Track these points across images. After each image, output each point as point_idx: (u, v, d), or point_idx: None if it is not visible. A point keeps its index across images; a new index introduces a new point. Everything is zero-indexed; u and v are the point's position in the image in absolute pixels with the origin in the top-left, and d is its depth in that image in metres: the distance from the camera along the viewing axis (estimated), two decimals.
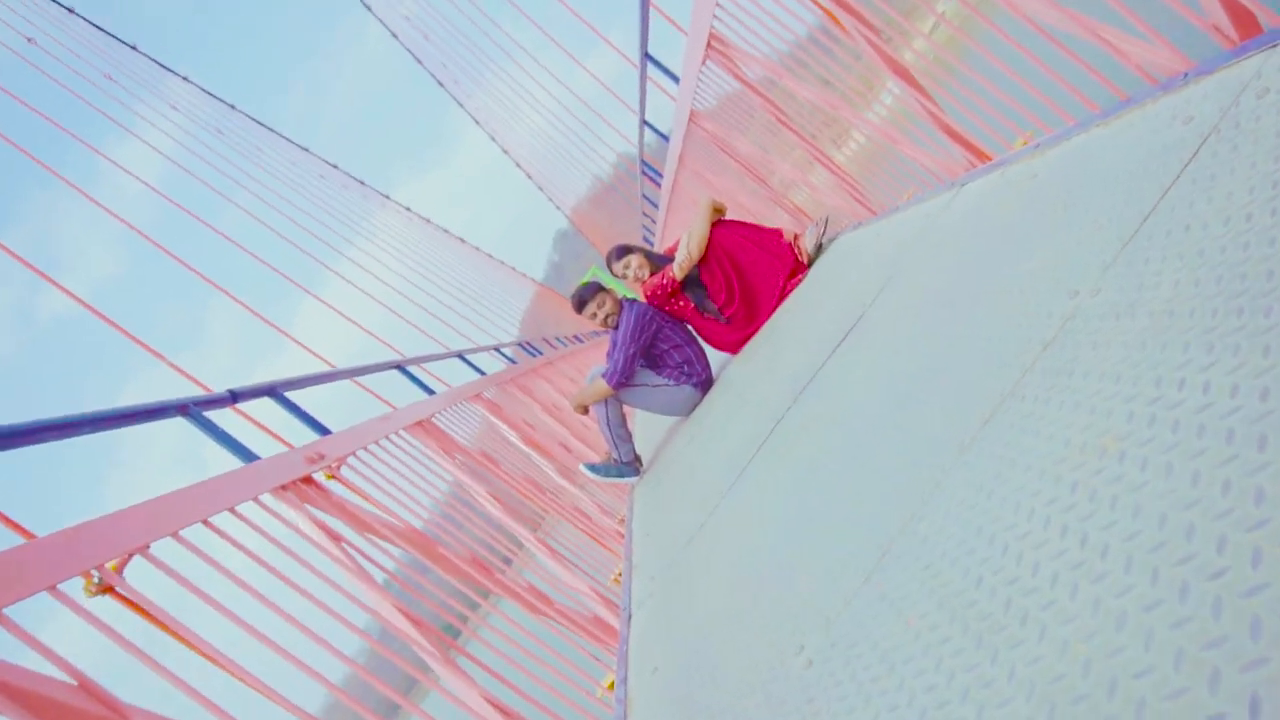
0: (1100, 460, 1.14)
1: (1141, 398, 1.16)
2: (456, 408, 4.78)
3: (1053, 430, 1.33)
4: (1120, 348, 1.31)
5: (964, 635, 1.16)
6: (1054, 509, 1.17)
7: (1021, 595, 1.10)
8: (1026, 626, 1.04)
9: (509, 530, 3.59)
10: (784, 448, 2.81)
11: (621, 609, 3.32)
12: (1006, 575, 1.17)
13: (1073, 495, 1.15)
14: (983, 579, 1.22)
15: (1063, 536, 1.10)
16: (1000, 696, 1.00)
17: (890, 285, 3.02)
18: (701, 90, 4.99)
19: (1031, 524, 1.20)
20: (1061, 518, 1.14)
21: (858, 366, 2.64)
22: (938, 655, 1.18)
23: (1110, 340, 1.36)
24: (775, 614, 1.84)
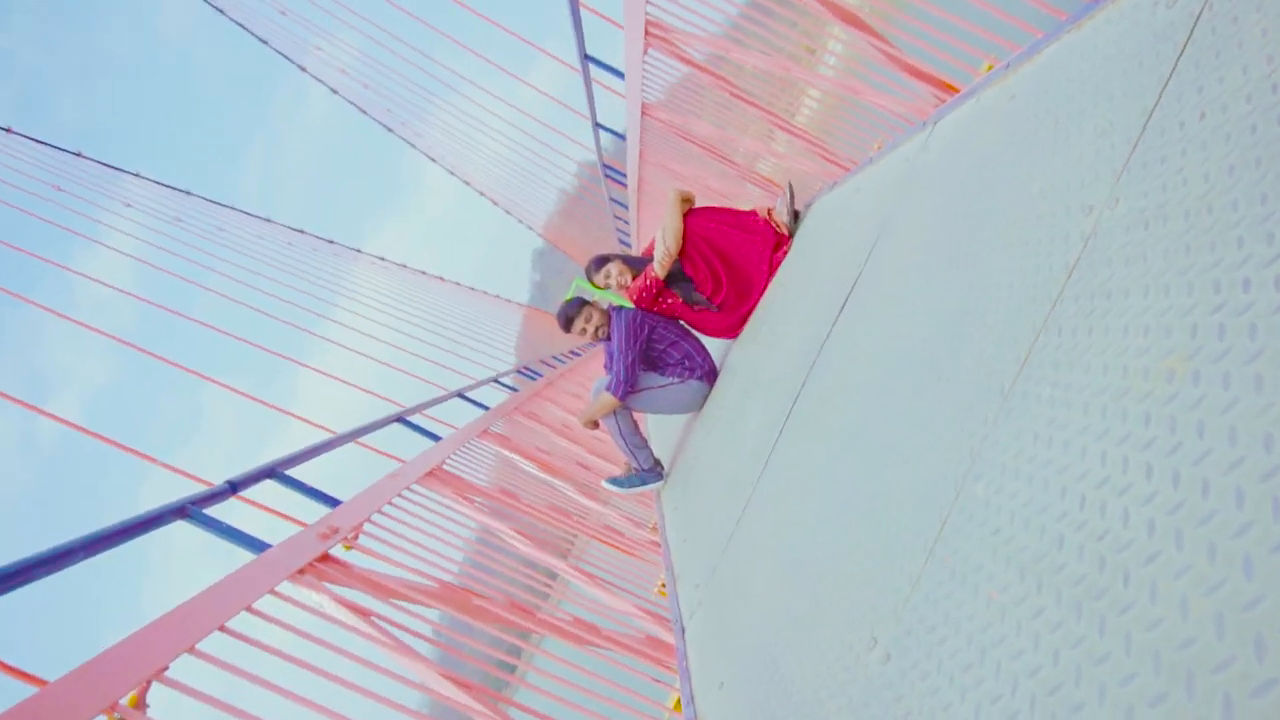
0: (1171, 385, 1.03)
1: (1202, 307, 1.04)
2: (466, 449, 4.66)
3: (1104, 360, 1.21)
4: (1160, 257, 1.19)
5: (1059, 605, 1.04)
6: (1129, 447, 1.05)
7: (1115, 551, 0.98)
8: (1132, 586, 0.92)
9: (541, 564, 3.48)
10: (807, 426, 2.70)
11: (673, 622, 3.21)
12: (1092, 530, 1.05)
13: (1147, 429, 1.04)
14: (1064, 537, 1.10)
15: (1149, 478, 0.98)
16: (1122, 672, 0.87)
17: (882, 239, 2.90)
18: (649, 81, 4.88)
19: (1107, 468, 1.08)
20: (1141, 456, 1.02)
21: (866, 330, 2.52)
22: (1033, 631, 1.06)
23: (1145, 251, 1.24)
24: (838, 607, 1.72)
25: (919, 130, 3.09)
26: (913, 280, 2.27)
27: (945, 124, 2.78)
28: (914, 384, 1.87)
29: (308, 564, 2.34)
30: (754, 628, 2.21)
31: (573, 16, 4.53)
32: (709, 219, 4.57)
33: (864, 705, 1.43)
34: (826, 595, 1.81)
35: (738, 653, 2.25)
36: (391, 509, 3.23)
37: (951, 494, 1.47)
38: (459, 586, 2.88)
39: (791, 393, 3.02)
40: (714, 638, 2.61)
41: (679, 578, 3.54)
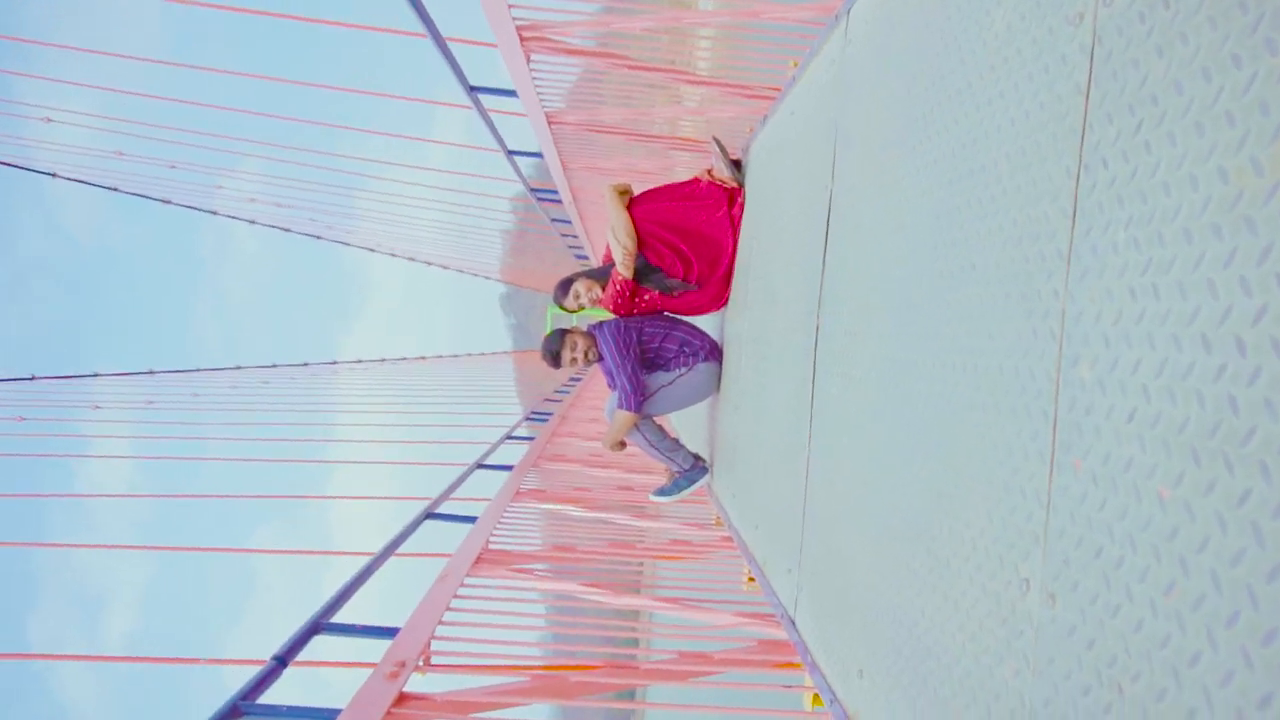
0: (1269, 176, 0.80)
1: (1266, 74, 0.81)
2: (504, 519, 4.43)
3: (1172, 176, 0.98)
4: (1194, 33, 0.96)
5: (1233, 474, 0.82)
6: (1241, 265, 0.83)
7: (1276, 388, 0.76)
8: None
9: (622, 609, 3.25)
10: (838, 368, 2.47)
11: (777, 616, 2.99)
12: (1236, 374, 0.82)
13: (1257, 237, 0.81)
14: (1201, 392, 0.88)
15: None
16: None
17: (840, 151, 2.67)
18: (544, 89, 4.66)
19: (1221, 297, 0.85)
20: (1258, 272, 0.79)
21: (863, 246, 2.30)
22: (1248, 519, 0.83)
23: (1173, 34, 1.01)
24: (964, 556, 1.49)
25: (833, 26, 2.87)
26: (894, 174, 2.05)
27: (860, 7, 2.55)
28: (945, 282, 1.64)
29: (386, 713, 2.11)
30: (873, 602, 1.99)
31: (443, 54, 4.30)
32: (654, 201, 4.34)
33: (1047, 661, 1.20)
34: (944, 545, 1.59)
35: (865, 633, 2.03)
36: (453, 614, 3.00)
37: (1049, 387, 1.24)
38: (551, 669, 2.65)
39: (808, 341, 2.79)
40: (830, 622, 2.39)
41: (766, 567, 3.32)
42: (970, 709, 1.44)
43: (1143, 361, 1.03)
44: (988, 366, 1.44)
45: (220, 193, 17.35)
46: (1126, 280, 1.08)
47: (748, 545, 3.81)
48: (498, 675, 2.59)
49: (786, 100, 3.62)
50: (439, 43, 4.06)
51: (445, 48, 4.21)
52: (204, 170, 14.96)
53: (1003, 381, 1.38)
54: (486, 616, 3.05)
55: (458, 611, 3.07)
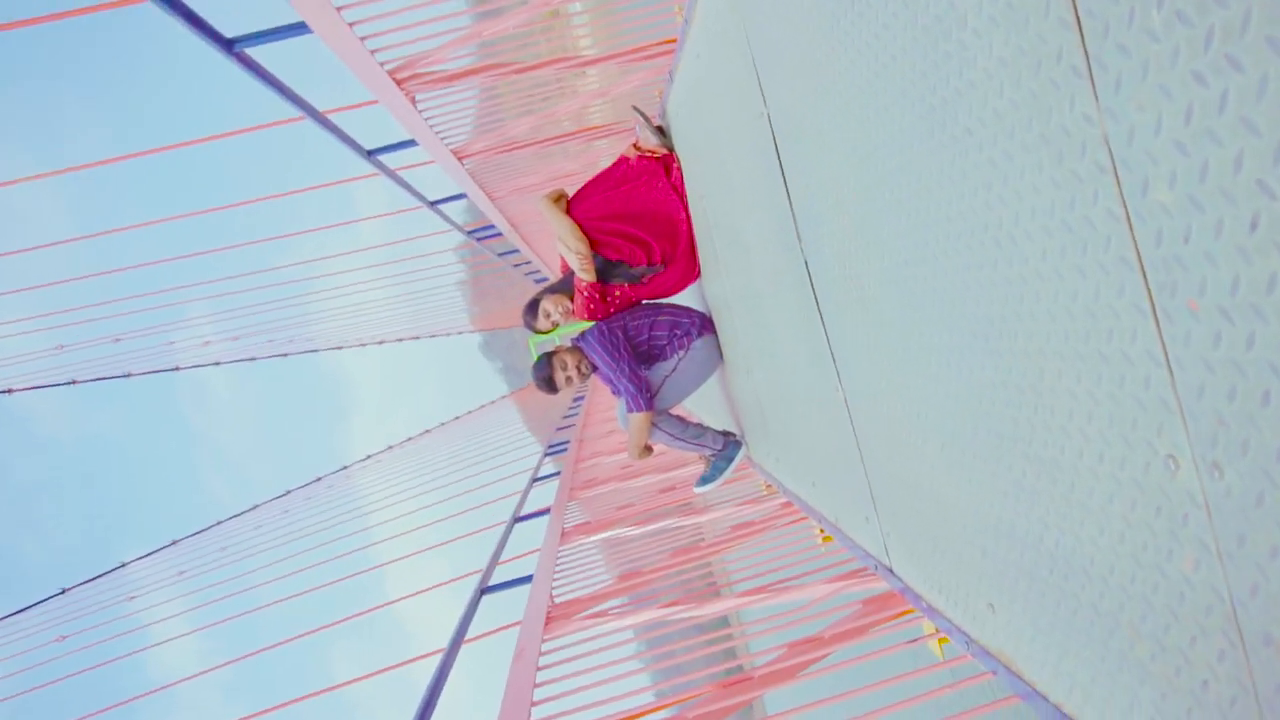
0: None
1: None
2: (559, 567, 4.21)
3: None
4: None
5: None
6: None
7: None
8: None
9: (710, 620, 3.03)
10: (846, 292, 2.25)
11: (871, 569, 2.77)
12: None
13: None
14: None
15: None
16: None
17: (763, 72, 2.45)
18: (440, 127, 4.42)
19: None
20: None
21: (828, 158, 2.07)
22: None
23: None
24: (1079, 450, 1.27)
25: None
26: (834, 66, 1.82)
27: None
28: (941, 157, 1.42)
29: None
30: (978, 528, 1.77)
31: (328, 129, 4.06)
32: (590, 196, 4.12)
33: (1237, 541, 0.98)
34: (1043, 445, 1.37)
35: (984, 563, 1.81)
36: (543, 689, 2.78)
37: (1120, 228, 1.02)
38: (661, 708, 2.43)
39: (799, 277, 2.57)
40: (935, 560, 2.17)
41: (840, 521, 3.10)
42: (1148, 617, 1.22)
43: (1211, 163, 0.80)
44: (1029, 231, 1.21)
45: (174, 348, 17.08)
46: (1180, 68, 0.85)
47: (811, 505, 3.59)
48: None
49: (687, 46, 3.39)
50: (320, 120, 3.83)
51: (327, 122, 3.97)
52: (149, 332, 14.70)
53: (1056, 242, 1.15)
54: (578, 680, 2.82)
55: (548, 684, 2.85)
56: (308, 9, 2.60)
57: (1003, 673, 1.89)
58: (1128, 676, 1.32)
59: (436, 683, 3.12)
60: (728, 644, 2.77)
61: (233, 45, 2.82)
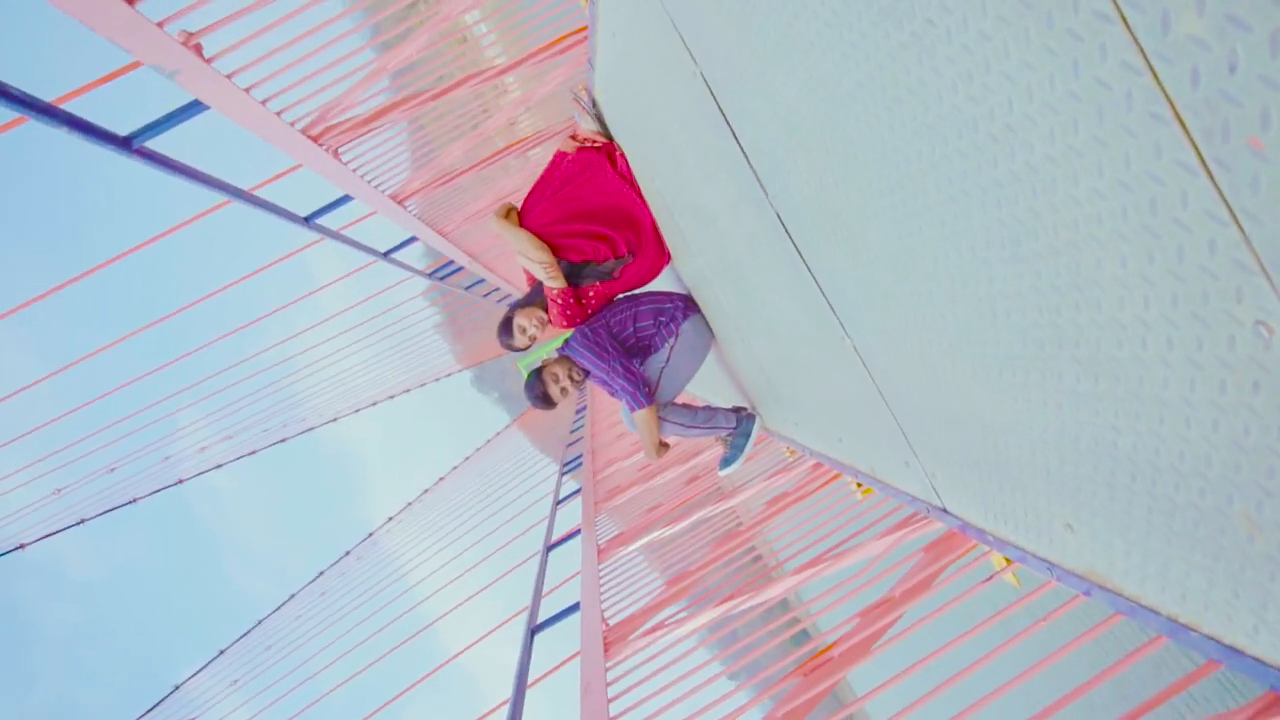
0: None
1: None
2: (605, 586, 4.07)
3: None
4: None
5: None
6: None
7: None
8: None
9: (772, 606, 2.89)
10: (828, 235, 2.10)
11: (923, 513, 2.63)
12: None
13: None
14: None
15: None
16: None
17: (687, 32, 2.30)
18: (371, 175, 4.25)
19: None
20: None
21: (778, 102, 1.92)
22: None
23: None
24: (1141, 339, 1.12)
25: None
26: (764, 8, 1.67)
27: None
28: (905, 61, 1.27)
29: None
30: (1036, 447, 1.63)
31: (257, 205, 3.89)
32: (538, 203, 3.95)
33: None
34: (1094, 344, 1.22)
35: (1050, 484, 1.67)
36: (627, 716, 2.64)
37: (1142, 78, 0.87)
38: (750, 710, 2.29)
39: (775, 231, 2.42)
40: (989, 490, 2.03)
41: (878, 472, 2.96)
42: (1264, 505, 1.07)
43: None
44: (1029, 115, 1.06)
45: (172, 462, 16.86)
46: None
47: (843, 461, 3.44)
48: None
49: (599, 27, 3.23)
50: (245, 198, 3.67)
51: (254, 199, 3.80)
52: (142, 453, 14.47)
53: (1064, 117, 1.00)
54: (656, 700, 2.68)
55: (626, 714, 2.70)
56: (198, 85, 2.44)
57: (1097, 592, 1.75)
58: (1254, 573, 1.18)
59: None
60: (796, 627, 2.62)
61: (130, 142, 2.65)
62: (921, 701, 1.91)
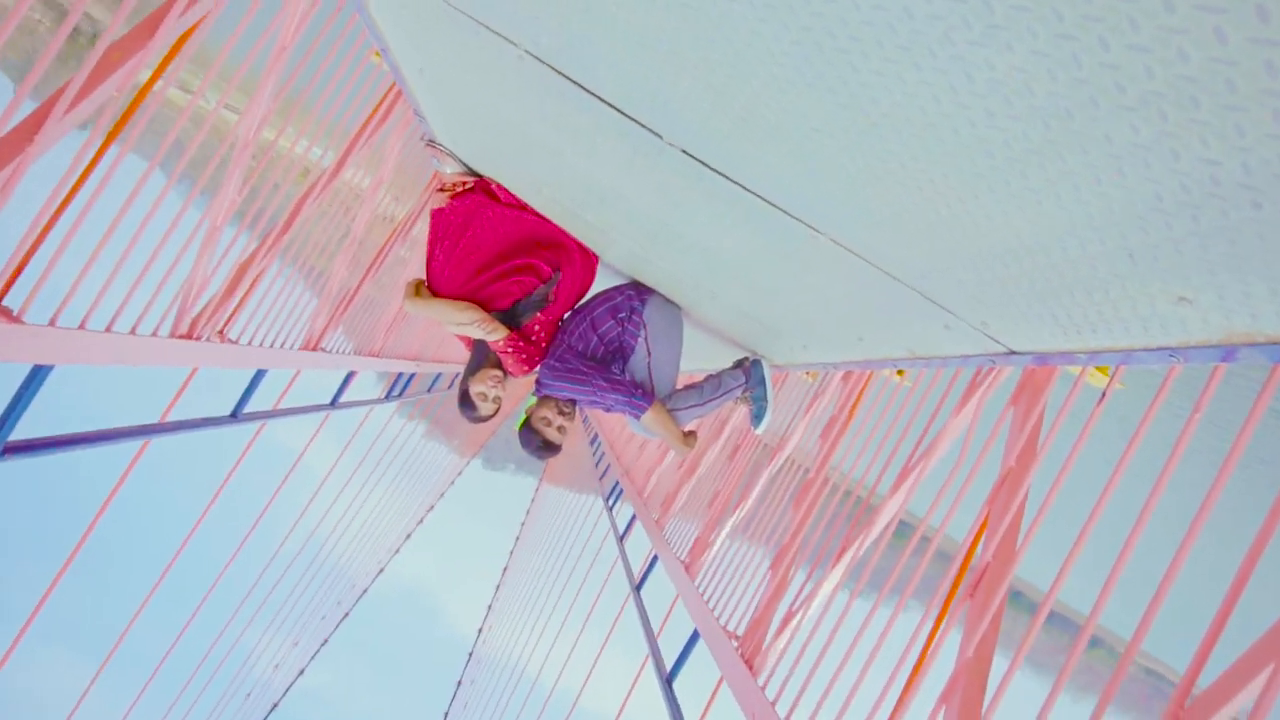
0: None
1: None
2: (711, 596, 3.77)
3: None
4: None
5: None
6: None
7: None
8: None
9: (891, 533, 2.60)
10: (746, 143, 1.81)
11: (989, 366, 2.34)
12: None
13: None
14: None
15: None
16: None
17: (491, 19, 1.98)
18: (270, 335, 3.92)
19: None
20: None
21: (625, 44, 1.62)
22: None
23: None
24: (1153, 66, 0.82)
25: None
26: None
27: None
28: None
29: None
30: (1093, 237, 1.34)
31: (176, 431, 3.56)
32: (441, 268, 3.63)
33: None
34: (1086, 113, 0.92)
35: (1134, 263, 1.37)
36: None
37: None
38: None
39: (691, 169, 2.11)
40: (1059, 307, 1.74)
41: (920, 350, 2.67)
42: None
43: None
44: None
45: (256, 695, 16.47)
46: None
47: (871, 359, 3.15)
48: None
49: (405, 73, 2.91)
50: (159, 430, 3.34)
51: (166, 426, 3.47)
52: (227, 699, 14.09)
53: None
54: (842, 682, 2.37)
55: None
56: (24, 347, 2.11)
57: (1245, 352, 1.46)
58: None
59: None
60: (930, 548, 2.32)
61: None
62: (1119, 566, 1.61)
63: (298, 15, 2.40)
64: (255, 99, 2.45)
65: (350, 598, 22.31)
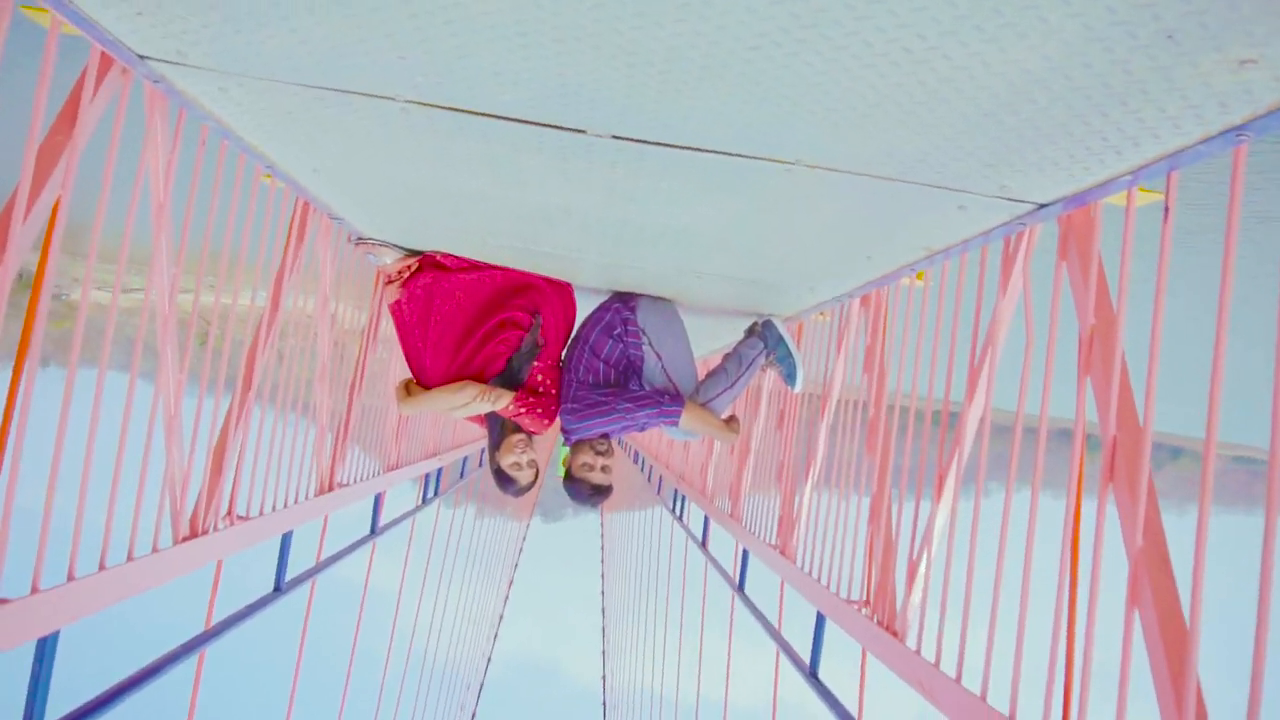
0: None
1: None
2: (821, 572, 3.55)
3: None
4: None
5: None
6: None
7: None
8: None
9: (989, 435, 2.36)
10: (674, 101, 1.57)
11: (1017, 231, 2.10)
12: None
13: None
14: None
15: None
16: None
17: (358, 85, 1.75)
18: (271, 492, 3.70)
19: None
20: None
21: (505, 47, 1.38)
22: None
23: None
24: None
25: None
26: None
27: None
28: None
29: None
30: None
31: (224, 629, 3.34)
32: (425, 362, 3.41)
33: None
34: None
35: (1177, 44, 1.13)
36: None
37: None
38: None
39: (633, 153, 1.88)
40: (1089, 128, 1.49)
41: (935, 243, 2.43)
42: None
43: None
44: None
45: None
46: None
47: (887, 274, 2.91)
48: None
49: (301, 182, 2.68)
50: (209, 637, 3.13)
51: (215, 631, 3.26)
52: None
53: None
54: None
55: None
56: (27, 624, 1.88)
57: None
58: None
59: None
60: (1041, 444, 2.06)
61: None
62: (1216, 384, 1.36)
63: (161, 169, 2.17)
64: (154, 268, 2.22)
65: (471, 697, 22.06)
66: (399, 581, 11.41)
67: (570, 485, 3.58)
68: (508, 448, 3.39)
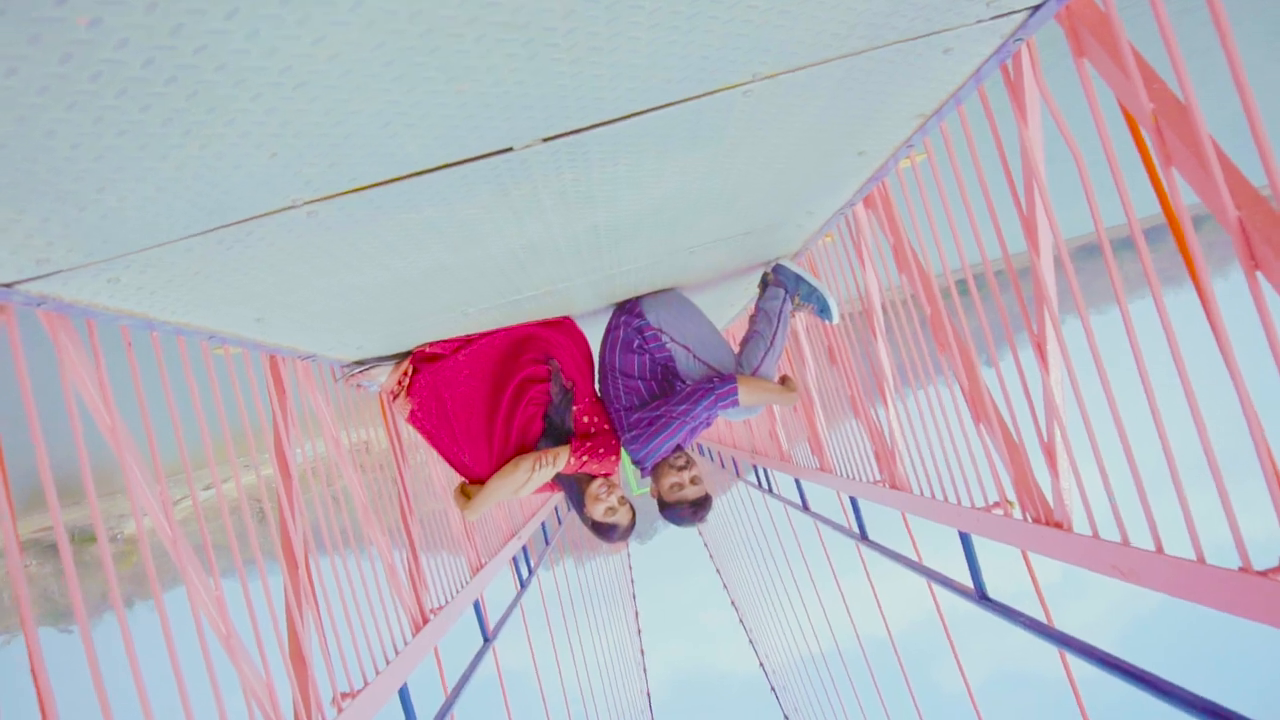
0: None
1: None
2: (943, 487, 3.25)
3: None
4: None
5: None
6: None
7: None
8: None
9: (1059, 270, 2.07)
10: (610, 82, 1.29)
11: (1012, 51, 1.81)
12: None
13: None
14: None
15: None
16: None
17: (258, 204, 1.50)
18: (367, 653, 3.46)
19: None
20: None
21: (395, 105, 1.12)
22: None
23: None
24: None
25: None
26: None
27: None
28: None
29: None
30: None
31: None
32: (460, 454, 3.20)
33: None
34: None
35: None
36: None
37: None
38: None
39: (573, 151, 1.61)
40: None
41: (926, 107, 2.14)
42: None
43: None
44: None
45: None
46: None
47: (885, 159, 2.62)
48: None
49: (254, 337, 2.43)
50: None
51: None
52: None
53: None
54: None
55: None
56: None
57: None
58: None
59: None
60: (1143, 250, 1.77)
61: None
62: None
63: (95, 392, 1.93)
64: (131, 494, 1.98)
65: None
66: (530, 662, 11.17)
67: (668, 512, 3.34)
68: (593, 498, 3.16)
